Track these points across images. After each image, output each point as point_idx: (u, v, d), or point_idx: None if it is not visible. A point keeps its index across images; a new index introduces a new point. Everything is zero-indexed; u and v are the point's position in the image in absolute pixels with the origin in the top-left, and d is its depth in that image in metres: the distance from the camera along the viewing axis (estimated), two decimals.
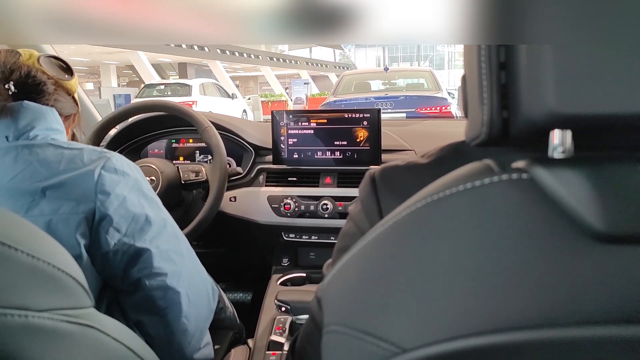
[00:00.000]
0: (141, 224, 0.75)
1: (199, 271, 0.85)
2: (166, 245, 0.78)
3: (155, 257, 0.75)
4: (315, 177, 1.42)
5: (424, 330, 0.32)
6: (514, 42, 0.34)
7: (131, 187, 0.76)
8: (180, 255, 0.80)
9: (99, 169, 0.73)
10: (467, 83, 0.41)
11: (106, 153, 0.77)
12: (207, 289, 0.87)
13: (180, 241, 0.83)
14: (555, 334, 0.28)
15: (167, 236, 0.79)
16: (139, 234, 0.74)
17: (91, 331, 0.48)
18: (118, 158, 0.78)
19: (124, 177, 0.76)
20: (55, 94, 0.83)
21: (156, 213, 0.79)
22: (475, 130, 0.38)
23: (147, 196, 0.79)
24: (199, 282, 0.84)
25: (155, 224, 0.77)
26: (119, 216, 0.72)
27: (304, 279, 1.37)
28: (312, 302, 0.59)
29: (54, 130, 0.79)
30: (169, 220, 0.82)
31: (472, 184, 0.33)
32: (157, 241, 0.76)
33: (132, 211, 0.74)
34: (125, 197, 0.74)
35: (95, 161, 0.74)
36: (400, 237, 0.36)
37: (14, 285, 0.41)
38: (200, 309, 0.82)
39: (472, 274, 0.31)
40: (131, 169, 0.79)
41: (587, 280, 0.29)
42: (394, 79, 7.29)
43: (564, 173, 0.31)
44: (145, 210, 0.76)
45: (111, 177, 0.73)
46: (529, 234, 0.31)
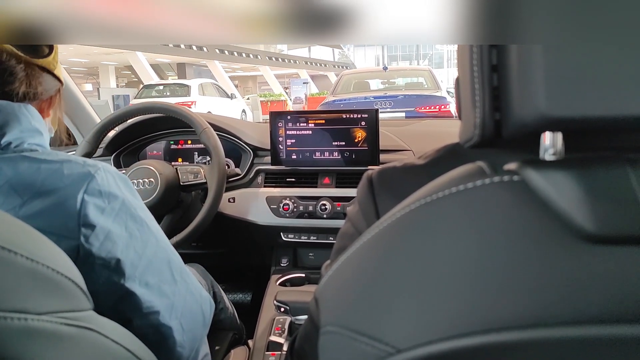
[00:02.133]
0: (130, 257, 0.66)
1: (192, 292, 0.78)
2: (157, 277, 0.70)
3: (146, 296, 0.67)
4: (314, 178, 1.42)
5: (418, 331, 0.32)
6: (506, 42, 0.34)
7: (118, 211, 0.66)
8: (172, 283, 0.73)
9: (82, 193, 0.62)
10: (460, 86, 0.41)
11: (90, 167, 0.65)
12: (204, 307, 0.81)
13: (172, 264, 0.74)
14: (547, 333, 0.29)
15: (158, 264, 0.71)
16: (129, 269, 0.66)
17: (90, 334, 0.49)
18: (103, 175, 0.66)
19: (110, 201, 0.65)
20: (28, 79, 0.69)
21: (147, 238, 0.70)
22: (469, 132, 0.39)
23: (136, 219, 0.69)
24: (193, 304, 0.77)
25: (145, 255, 0.68)
26: (105, 252, 0.63)
27: (303, 280, 1.37)
28: (311, 303, 0.60)
29: (30, 132, 0.67)
30: (161, 240, 0.74)
31: (464, 186, 0.33)
32: (147, 275, 0.68)
33: (119, 245, 0.65)
34: (111, 231, 0.64)
35: (77, 180, 0.63)
36: (394, 238, 0.36)
37: (14, 288, 0.42)
38: (195, 332, 0.77)
39: (465, 275, 0.31)
40: (118, 187, 0.68)
41: (578, 281, 0.29)
42: (393, 78, 7.28)
43: (555, 175, 0.31)
44: (133, 239, 0.67)
45: (95, 204, 0.63)
46: (520, 235, 0.31)
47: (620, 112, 0.30)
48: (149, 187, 1.24)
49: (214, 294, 1.16)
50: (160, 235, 0.74)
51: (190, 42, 10.40)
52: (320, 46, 32.59)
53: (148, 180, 1.24)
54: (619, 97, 0.30)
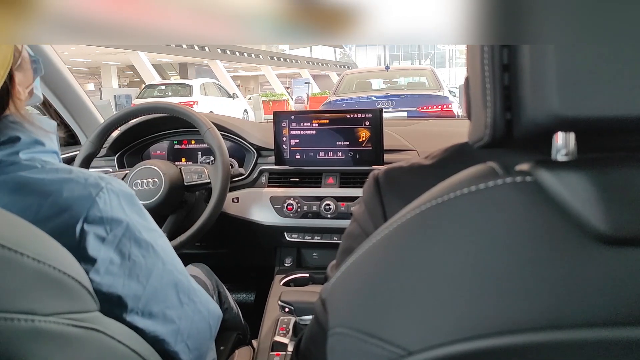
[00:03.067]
0: (133, 290, 0.61)
1: (200, 310, 0.74)
2: (162, 304, 0.66)
3: (149, 327, 0.63)
4: (318, 178, 1.42)
5: (430, 333, 0.32)
6: (517, 42, 0.34)
7: (121, 238, 0.61)
8: (179, 307, 0.69)
9: (81, 222, 0.57)
10: (470, 85, 0.41)
11: (92, 188, 0.59)
12: (211, 322, 0.77)
13: (179, 286, 0.70)
14: (560, 336, 0.28)
15: (164, 290, 0.67)
16: (131, 302, 0.61)
17: (97, 335, 0.49)
18: (106, 197, 0.60)
19: (113, 228, 0.60)
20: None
21: (153, 263, 0.65)
22: (479, 132, 0.39)
23: (141, 244, 0.64)
24: (200, 323, 0.74)
25: (150, 284, 0.64)
26: (106, 287, 0.58)
27: (307, 280, 1.37)
28: (317, 303, 0.59)
29: (27, 145, 0.61)
30: (168, 263, 0.69)
31: (476, 187, 0.33)
32: (151, 305, 0.64)
33: (121, 278, 0.60)
34: (112, 262, 0.59)
35: (77, 205, 0.57)
36: (405, 239, 0.36)
37: (21, 290, 0.42)
38: (202, 348, 0.75)
39: (477, 277, 0.31)
40: (122, 209, 0.62)
41: (592, 283, 0.29)
42: (395, 78, 7.28)
43: (568, 176, 0.31)
44: (137, 267, 0.63)
45: (96, 233, 0.58)
46: (533, 236, 0.31)
47: (635, 112, 0.30)
48: (153, 187, 1.24)
49: (219, 294, 1.16)
50: (167, 254, 0.69)
51: (195, 43, 10.41)
52: (321, 46, 32.60)
53: (152, 180, 1.24)
54: (632, 96, 0.30)
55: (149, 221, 0.68)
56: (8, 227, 0.45)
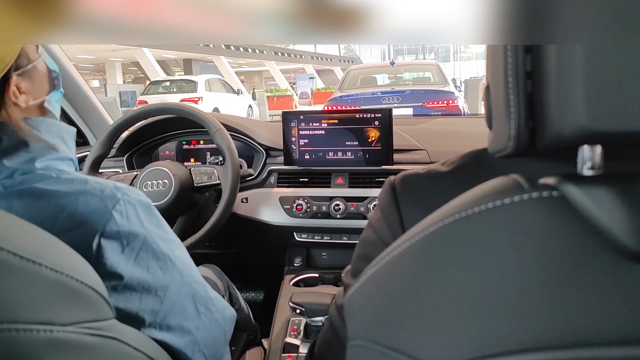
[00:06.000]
0: (150, 305, 0.60)
1: (217, 319, 0.73)
2: (179, 316, 0.65)
3: (167, 339, 0.62)
4: (327, 178, 1.42)
5: (451, 349, 0.31)
6: (541, 42, 0.33)
7: (139, 252, 0.59)
8: (196, 317, 0.68)
9: (98, 236, 0.56)
10: (491, 94, 0.40)
11: (108, 201, 0.58)
12: (227, 329, 0.76)
13: (197, 297, 0.69)
14: (590, 353, 0.28)
15: (181, 302, 0.66)
16: (149, 317, 0.60)
17: (114, 342, 0.49)
18: (123, 208, 0.59)
19: (130, 241, 0.58)
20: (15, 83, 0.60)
21: (171, 276, 0.64)
22: (502, 143, 0.38)
23: (159, 256, 0.62)
24: (216, 332, 0.73)
25: (167, 298, 0.63)
26: (123, 303, 0.57)
27: (316, 280, 1.37)
28: (332, 309, 0.59)
29: (41, 151, 0.60)
30: (186, 274, 0.67)
31: (501, 202, 0.33)
32: (168, 318, 0.63)
33: (138, 292, 0.59)
34: (131, 277, 0.58)
35: (93, 220, 0.56)
36: (428, 253, 0.36)
37: (39, 300, 0.42)
38: (218, 354, 0.74)
39: (503, 294, 0.31)
40: (140, 221, 0.61)
41: (620, 300, 0.28)
42: (400, 73, 7.26)
43: (596, 190, 0.30)
44: (155, 281, 0.61)
45: (113, 248, 0.56)
46: (560, 253, 0.30)
47: None
48: (163, 188, 1.24)
49: (230, 295, 1.16)
50: (184, 265, 0.68)
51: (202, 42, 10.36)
52: None
53: (162, 182, 1.24)
54: None
55: (166, 230, 0.67)
56: (25, 237, 0.45)
